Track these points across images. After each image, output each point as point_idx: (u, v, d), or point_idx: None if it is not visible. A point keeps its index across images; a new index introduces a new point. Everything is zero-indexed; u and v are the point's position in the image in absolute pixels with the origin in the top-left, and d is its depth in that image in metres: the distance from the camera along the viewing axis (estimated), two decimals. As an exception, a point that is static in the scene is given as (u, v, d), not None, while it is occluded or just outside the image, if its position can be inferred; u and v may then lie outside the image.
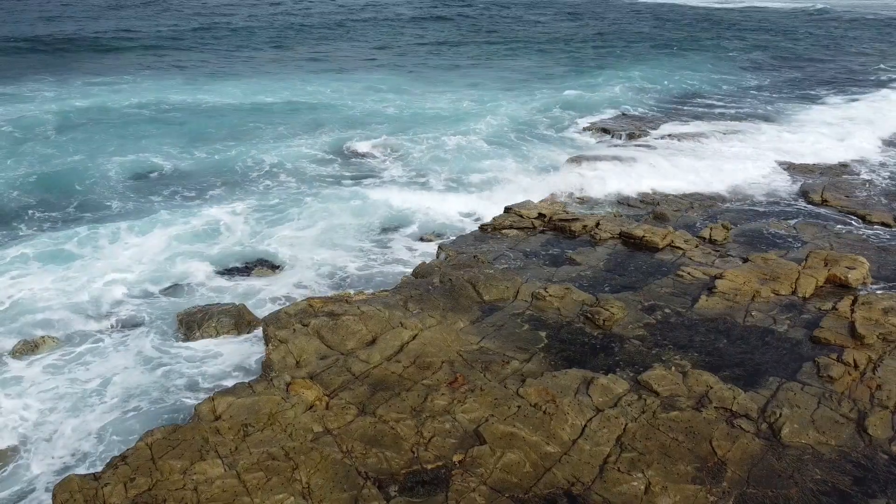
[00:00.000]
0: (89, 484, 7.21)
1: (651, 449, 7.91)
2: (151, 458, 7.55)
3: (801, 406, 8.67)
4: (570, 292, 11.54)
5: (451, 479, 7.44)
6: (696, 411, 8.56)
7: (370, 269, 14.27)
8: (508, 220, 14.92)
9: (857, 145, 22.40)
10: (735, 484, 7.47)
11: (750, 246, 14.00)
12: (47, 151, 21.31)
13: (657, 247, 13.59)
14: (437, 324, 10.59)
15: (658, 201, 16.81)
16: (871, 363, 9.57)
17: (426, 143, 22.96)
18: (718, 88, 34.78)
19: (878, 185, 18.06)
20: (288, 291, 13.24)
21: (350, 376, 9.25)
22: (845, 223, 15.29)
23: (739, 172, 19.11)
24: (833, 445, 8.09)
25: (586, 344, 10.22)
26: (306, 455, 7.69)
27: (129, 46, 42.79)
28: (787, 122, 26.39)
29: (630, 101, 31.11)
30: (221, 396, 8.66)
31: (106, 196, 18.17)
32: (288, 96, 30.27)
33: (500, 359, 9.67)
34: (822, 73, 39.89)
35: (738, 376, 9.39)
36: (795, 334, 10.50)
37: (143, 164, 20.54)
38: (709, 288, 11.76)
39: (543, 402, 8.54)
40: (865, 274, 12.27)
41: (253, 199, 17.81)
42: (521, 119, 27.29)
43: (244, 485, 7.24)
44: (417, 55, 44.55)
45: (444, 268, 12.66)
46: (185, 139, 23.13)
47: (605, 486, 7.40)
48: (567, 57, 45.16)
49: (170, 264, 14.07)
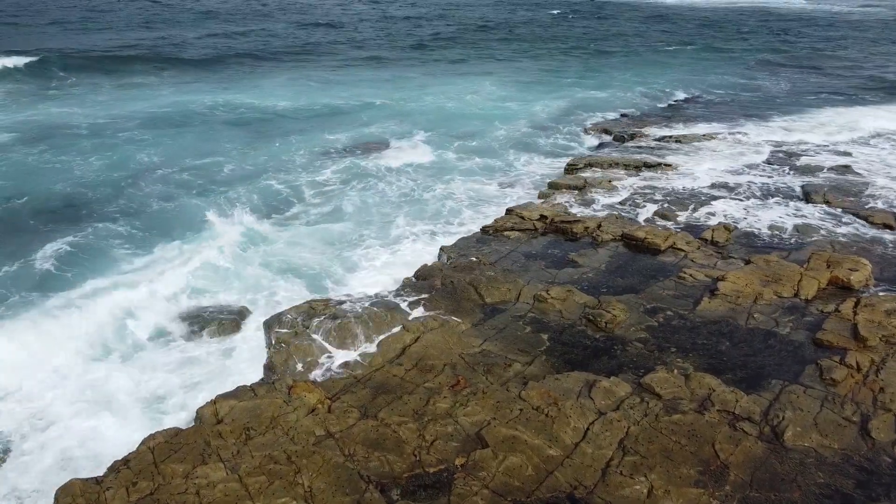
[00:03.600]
0: (91, 488, 7.21)
1: (653, 452, 7.90)
2: (153, 462, 7.54)
3: (803, 409, 8.65)
4: (572, 294, 11.53)
5: (453, 482, 7.42)
6: (698, 414, 8.54)
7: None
8: (510, 222, 14.91)
9: (857, 145, 22.36)
10: (738, 487, 7.46)
11: (752, 247, 13.97)
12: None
13: (659, 248, 13.58)
14: (438, 326, 10.58)
15: (660, 202, 16.77)
16: (873, 365, 9.55)
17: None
18: (724, 88, 34.75)
19: (881, 185, 18.02)
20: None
21: (352, 379, 9.24)
22: (848, 224, 15.26)
23: (740, 172, 19.08)
24: (836, 448, 8.07)
25: (588, 346, 10.21)
26: (308, 458, 7.68)
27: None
28: (789, 123, 26.34)
29: (632, 102, 31.08)
30: (223, 399, 8.65)
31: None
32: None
33: (502, 361, 9.66)
34: (826, 75, 39.82)
35: (740, 379, 9.38)
36: (798, 336, 10.47)
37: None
38: (711, 290, 11.74)
39: (546, 405, 8.53)
40: (868, 276, 12.24)
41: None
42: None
43: (246, 488, 7.24)
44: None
45: (445, 270, 12.65)
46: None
47: (607, 490, 7.38)
48: (570, 58, 45.14)
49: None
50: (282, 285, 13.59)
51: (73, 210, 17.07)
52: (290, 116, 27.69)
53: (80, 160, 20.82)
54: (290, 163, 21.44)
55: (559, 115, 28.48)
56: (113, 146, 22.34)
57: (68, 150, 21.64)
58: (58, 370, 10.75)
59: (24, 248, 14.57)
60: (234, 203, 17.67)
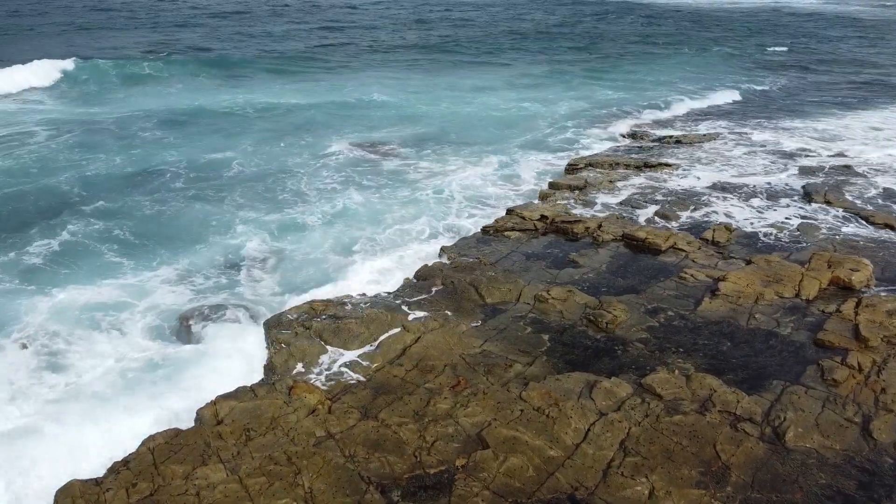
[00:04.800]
0: (91, 489, 7.20)
1: (655, 453, 7.88)
2: (153, 463, 7.53)
3: (805, 409, 8.63)
4: (573, 294, 11.51)
5: (453, 483, 7.41)
6: (699, 415, 8.53)
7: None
8: (510, 222, 14.89)
9: (859, 145, 22.35)
10: (739, 488, 7.44)
11: (753, 247, 13.95)
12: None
13: (660, 248, 13.56)
14: (439, 326, 10.56)
15: (661, 202, 16.75)
16: (875, 366, 9.53)
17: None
18: (725, 87, 34.72)
19: (882, 185, 18.00)
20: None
21: (352, 380, 9.23)
22: (849, 224, 15.24)
23: (741, 172, 19.06)
24: (837, 449, 8.05)
25: (589, 347, 10.19)
26: (309, 459, 7.67)
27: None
28: (791, 123, 26.32)
29: (632, 102, 31.06)
30: (223, 400, 8.64)
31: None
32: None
33: (502, 362, 9.64)
34: (828, 74, 39.79)
35: (741, 379, 9.36)
36: (799, 337, 10.46)
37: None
38: (712, 290, 11.73)
39: (546, 406, 8.52)
40: (869, 276, 12.22)
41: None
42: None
43: (246, 490, 7.22)
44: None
45: (446, 270, 12.63)
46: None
47: (608, 491, 7.37)
48: (571, 59, 45.11)
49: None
50: (282, 285, 13.57)
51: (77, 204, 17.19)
52: (294, 116, 27.71)
53: (105, 156, 21.10)
54: (292, 162, 21.44)
55: (560, 114, 28.45)
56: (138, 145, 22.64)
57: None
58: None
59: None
60: (236, 201, 17.77)
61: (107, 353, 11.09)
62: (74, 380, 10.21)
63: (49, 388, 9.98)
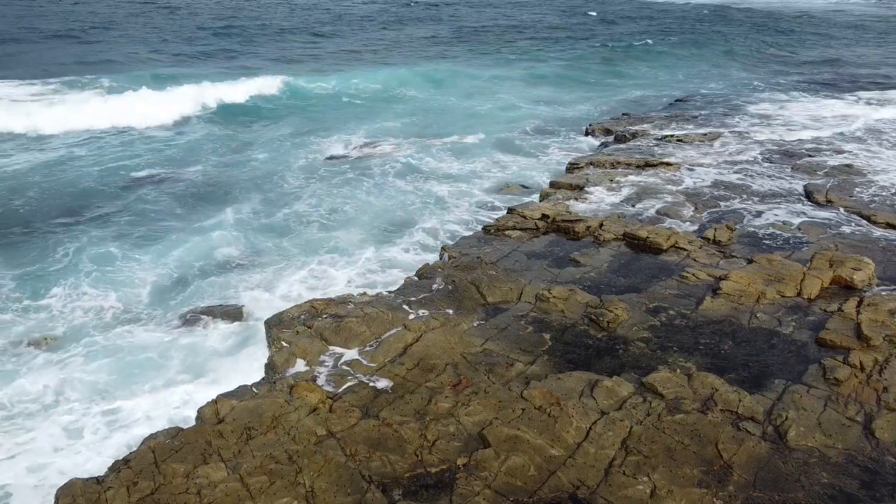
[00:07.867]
0: (92, 487, 7.19)
1: (656, 452, 7.87)
2: (154, 462, 7.52)
3: (807, 409, 8.61)
4: (574, 294, 11.49)
5: (455, 482, 7.40)
6: (701, 414, 8.51)
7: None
8: (511, 222, 14.87)
9: (860, 144, 22.31)
10: (741, 487, 7.43)
11: (754, 247, 13.93)
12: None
13: (661, 248, 13.54)
14: (440, 326, 10.55)
15: (662, 201, 16.74)
16: (877, 365, 9.51)
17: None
18: (726, 87, 34.70)
19: (884, 185, 17.97)
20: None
21: (353, 379, 9.21)
22: (850, 224, 15.21)
23: (742, 171, 19.04)
24: (840, 448, 8.03)
25: (591, 346, 10.18)
26: (310, 458, 7.65)
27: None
28: (792, 122, 26.28)
29: (633, 101, 31.05)
30: (224, 399, 8.63)
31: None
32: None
33: (504, 361, 9.63)
34: (830, 74, 39.75)
35: (743, 379, 9.34)
36: (801, 336, 10.44)
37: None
38: (713, 289, 11.71)
39: (548, 405, 8.50)
40: (871, 275, 12.19)
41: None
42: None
43: (247, 488, 7.21)
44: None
45: (447, 269, 12.62)
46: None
47: (610, 490, 7.35)
48: (574, 59, 45.09)
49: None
50: (283, 285, 13.58)
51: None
52: (297, 115, 27.71)
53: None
54: (293, 162, 21.47)
55: (559, 115, 28.45)
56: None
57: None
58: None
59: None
60: (237, 200, 17.77)
61: (107, 351, 11.10)
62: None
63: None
